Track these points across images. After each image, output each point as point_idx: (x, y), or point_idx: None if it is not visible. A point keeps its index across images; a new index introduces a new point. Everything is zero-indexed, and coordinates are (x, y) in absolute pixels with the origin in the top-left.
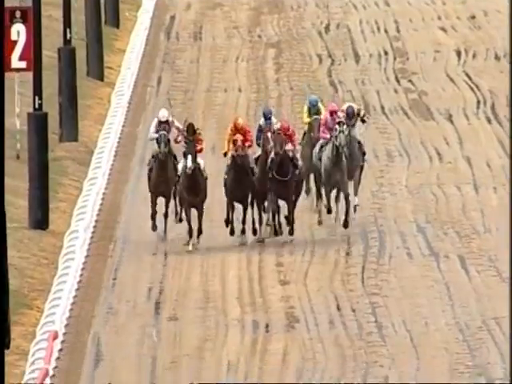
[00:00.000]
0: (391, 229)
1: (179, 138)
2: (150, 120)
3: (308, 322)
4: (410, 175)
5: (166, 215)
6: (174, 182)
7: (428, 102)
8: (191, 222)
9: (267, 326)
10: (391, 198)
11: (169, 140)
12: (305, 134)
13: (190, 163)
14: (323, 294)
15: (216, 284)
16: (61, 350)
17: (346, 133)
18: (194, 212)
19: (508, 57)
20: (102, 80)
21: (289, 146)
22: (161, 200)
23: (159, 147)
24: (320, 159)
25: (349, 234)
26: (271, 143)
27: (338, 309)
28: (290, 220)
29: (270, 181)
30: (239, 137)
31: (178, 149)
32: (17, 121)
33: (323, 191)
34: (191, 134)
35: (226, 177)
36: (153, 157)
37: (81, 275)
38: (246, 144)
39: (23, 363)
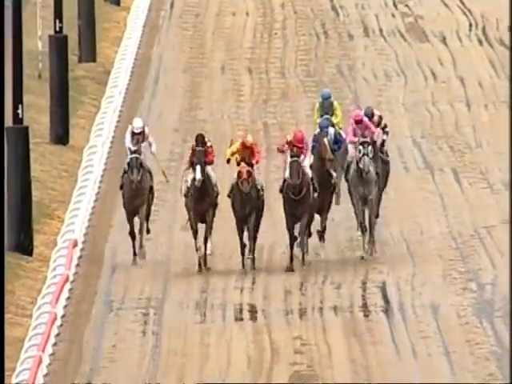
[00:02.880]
0: (389, 143)
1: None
2: (164, 42)
3: (310, 231)
4: (407, 94)
5: (140, 238)
6: (148, 202)
7: (423, 26)
8: (197, 238)
9: (271, 234)
10: (389, 115)
11: (141, 164)
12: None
13: (198, 175)
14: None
15: (224, 201)
16: (80, 257)
17: (371, 155)
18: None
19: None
20: (118, 5)
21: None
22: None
23: (131, 173)
24: (347, 180)
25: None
26: (329, 151)
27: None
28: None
29: (284, 202)
30: (244, 168)
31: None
32: (39, 43)
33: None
34: (201, 145)
35: (232, 202)
36: (125, 172)
37: (99, 187)
38: (254, 167)
39: (45, 269)
